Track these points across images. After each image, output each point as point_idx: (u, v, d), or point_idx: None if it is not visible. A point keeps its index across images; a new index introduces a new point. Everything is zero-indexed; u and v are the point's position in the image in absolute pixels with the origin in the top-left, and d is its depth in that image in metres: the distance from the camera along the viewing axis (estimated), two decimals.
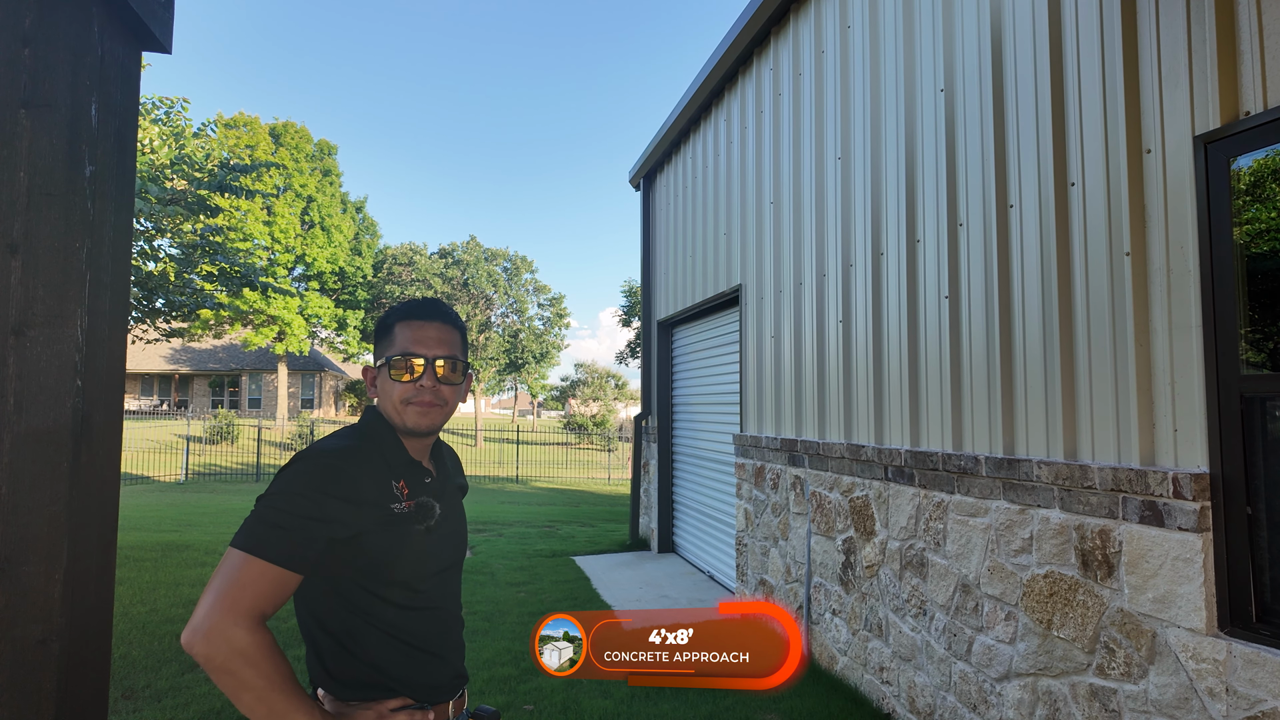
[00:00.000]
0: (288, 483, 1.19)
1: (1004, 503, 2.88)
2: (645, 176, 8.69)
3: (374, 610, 1.26)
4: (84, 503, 1.34)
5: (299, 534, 1.15)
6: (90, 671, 1.38)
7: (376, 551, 1.24)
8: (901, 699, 3.52)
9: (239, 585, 1.11)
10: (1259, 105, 2.07)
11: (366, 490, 1.24)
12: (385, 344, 1.37)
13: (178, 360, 37.01)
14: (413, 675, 1.29)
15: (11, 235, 1.27)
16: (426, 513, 1.31)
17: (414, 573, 1.29)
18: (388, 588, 1.26)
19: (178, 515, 10.96)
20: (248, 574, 1.12)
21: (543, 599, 5.82)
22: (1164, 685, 2.22)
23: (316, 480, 1.19)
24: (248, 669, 1.08)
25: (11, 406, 1.25)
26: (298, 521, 1.16)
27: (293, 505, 1.17)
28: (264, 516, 1.16)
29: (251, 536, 1.14)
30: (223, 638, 1.07)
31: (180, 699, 3.61)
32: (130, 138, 1.50)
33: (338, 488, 1.20)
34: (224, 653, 1.07)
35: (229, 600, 1.09)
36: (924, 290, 3.51)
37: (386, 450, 1.32)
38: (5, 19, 1.29)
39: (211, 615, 1.08)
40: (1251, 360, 2.10)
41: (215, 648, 1.07)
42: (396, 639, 1.28)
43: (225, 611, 1.08)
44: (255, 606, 1.11)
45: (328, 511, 1.18)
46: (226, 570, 1.13)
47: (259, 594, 1.11)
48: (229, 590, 1.10)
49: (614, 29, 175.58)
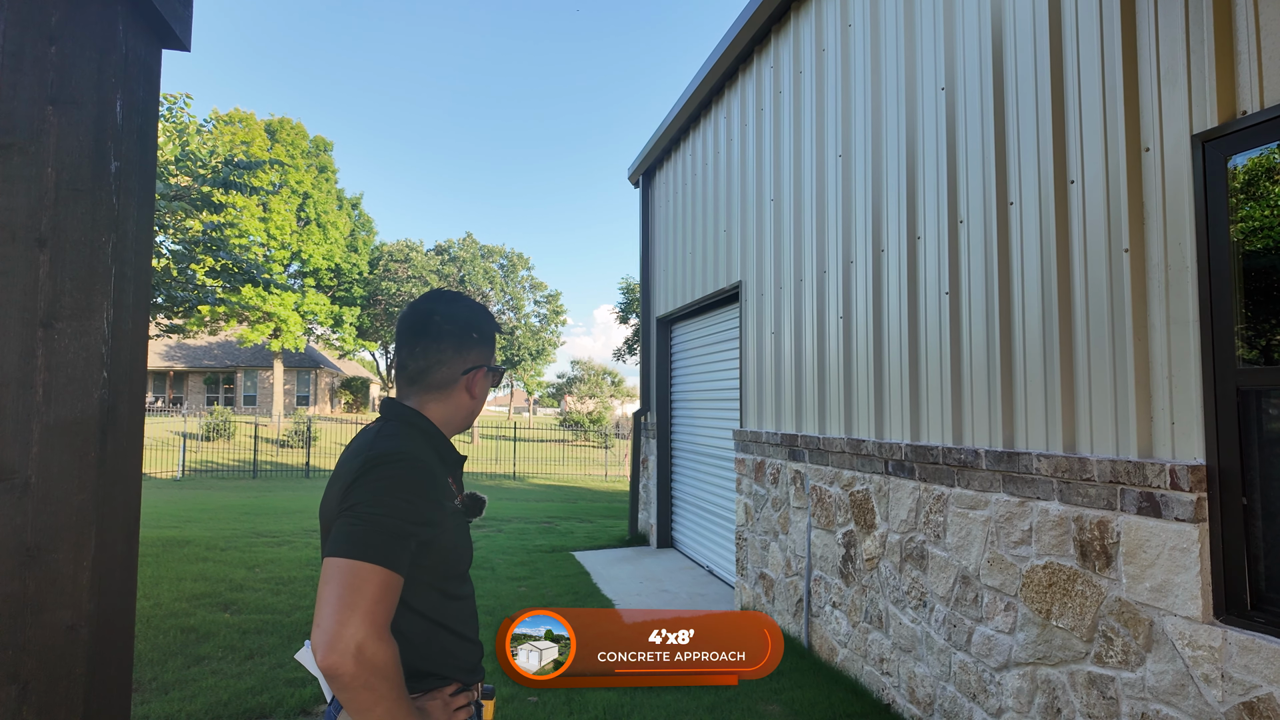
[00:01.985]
0: (384, 488, 1.17)
1: (1004, 495, 2.92)
2: (645, 173, 8.72)
3: (429, 603, 1.28)
4: (110, 492, 1.37)
5: (407, 540, 1.16)
6: (116, 657, 1.41)
7: (441, 548, 1.26)
8: (901, 689, 3.57)
9: (370, 598, 1.07)
10: (1256, 104, 2.11)
11: (441, 491, 1.27)
12: (487, 351, 1.44)
13: (172, 357, 36.90)
14: (461, 661, 1.34)
15: (40, 229, 1.29)
16: (477, 506, 1.38)
17: (464, 563, 1.36)
18: (445, 581, 1.30)
19: (176, 512, 10.96)
20: (374, 584, 1.08)
21: (544, 593, 5.86)
22: (1161, 672, 2.27)
23: (412, 486, 1.19)
24: (385, 683, 1.06)
25: (40, 397, 1.28)
26: (405, 527, 1.15)
27: (396, 511, 1.15)
28: (375, 525, 1.13)
29: (373, 547, 1.10)
30: (369, 653, 1.05)
31: (187, 691, 3.63)
32: (151, 135, 1.52)
33: (428, 490, 1.22)
34: (368, 669, 1.05)
35: (364, 614, 1.06)
36: (924, 286, 3.55)
37: (441, 449, 1.36)
38: (33, 16, 1.31)
39: (357, 631, 1.04)
40: (1247, 355, 2.15)
41: (361, 665, 1.04)
42: (446, 628, 1.31)
43: (369, 625, 1.06)
44: (386, 617, 1.09)
45: (424, 515, 1.20)
46: (350, 582, 1.08)
47: (388, 604, 1.10)
48: (363, 604, 1.06)
49: (612, 25, 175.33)
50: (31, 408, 1.26)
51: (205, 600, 5.26)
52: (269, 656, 4.16)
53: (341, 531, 1.12)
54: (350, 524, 1.13)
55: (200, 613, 4.93)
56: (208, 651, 4.21)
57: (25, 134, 1.29)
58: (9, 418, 1.23)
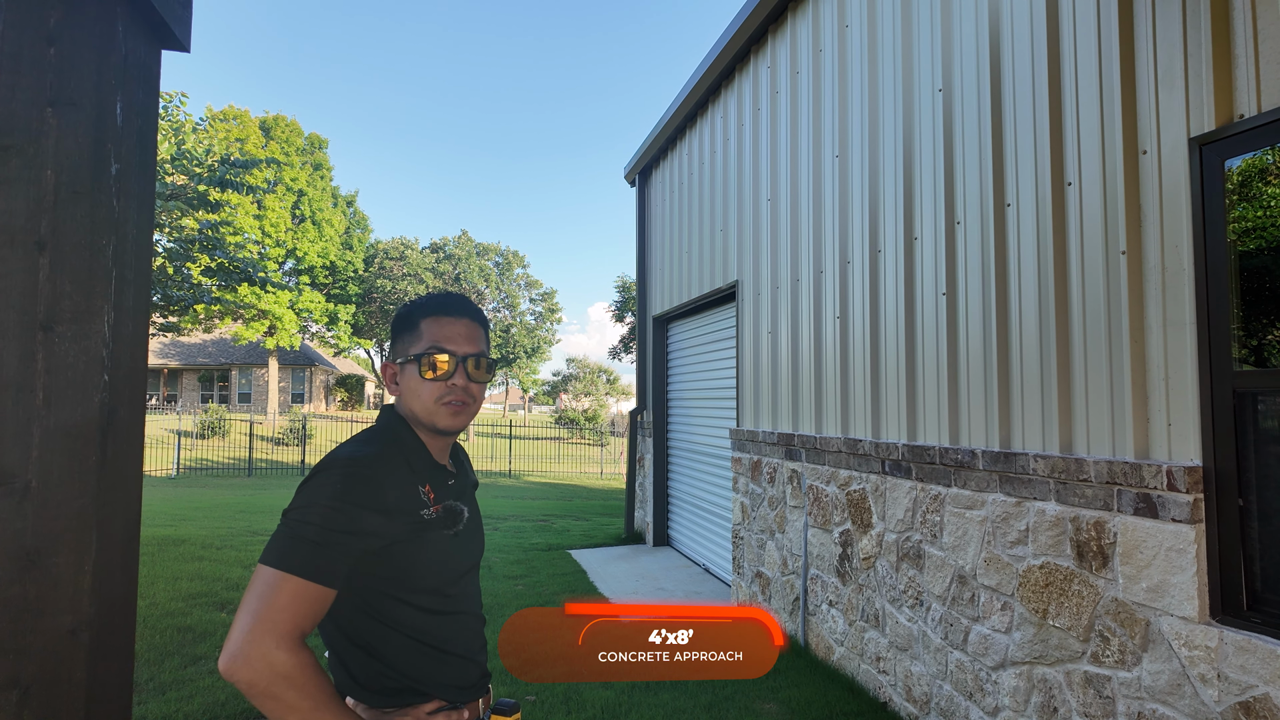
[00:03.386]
0: (315, 494, 1.14)
1: (1000, 495, 2.94)
2: (641, 172, 8.71)
3: (403, 617, 1.23)
4: (110, 496, 1.36)
5: (334, 549, 1.11)
6: (117, 661, 1.40)
7: (405, 559, 1.21)
8: (898, 688, 3.58)
9: (276, 606, 1.05)
10: (1253, 108, 2.12)
11: (396, 498, 1.20)
12: (410, 340, 1.32)
13: (166, 354, 36.75)
14: (445, 678, 1.28)
15: (39, 232, 1.28)
16: (454, 517, 1.30)
17: (442, 578, 1.27)
18: (416, 595, 1.24)
19: (171, 510, 10.94)
20: (284, 593, 1.06)
21: (540, 591, 5.86)
22: (1157, 672, 2.29)
23: (346, 491, 1.15)
24: (291, 692, 1.04)
25: (41, 401, 1.27)
26: (331, 535, 1.11)
27: (324, 519, 1.12)
28: (296, 531, 1.11)
29: (284, 553, 1.09)
30: (264, 662, 1.02)
31: (184, 692, 3.62)
32: (151, 136, 1.51)
33: (369, 498, 1.16)
34: (267, 677, 1.02)
35: (267, 622, 1.04)
36: (921, 287, 3.56)
37: (410, 454, 1.29)
38: (31, 17, 1.30)
39: (251, 639, 1.03)
40: (1243, 356, 2.16)
41: (258, 673, 1.02)
42: (426, 644, 1.26)
43: (264, 634, 1.03)
44: (295, 626, 1.06)
45: (360, 524, 1.14)
46: (261, 590, 1.07)
47: (298, 613, 1.07)
48: (266, 612, 1.05)
49: (609, 23, 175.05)
50: (31, 411, 1.26)
51: (201, 599, 5.25)
52: None
53: (272, 537, 1.12)
54: (278, 530, 1.13)
55: (196, 612, 4.91)
56: (205, 651, 4.20)
57: (24, 136, 1.28)
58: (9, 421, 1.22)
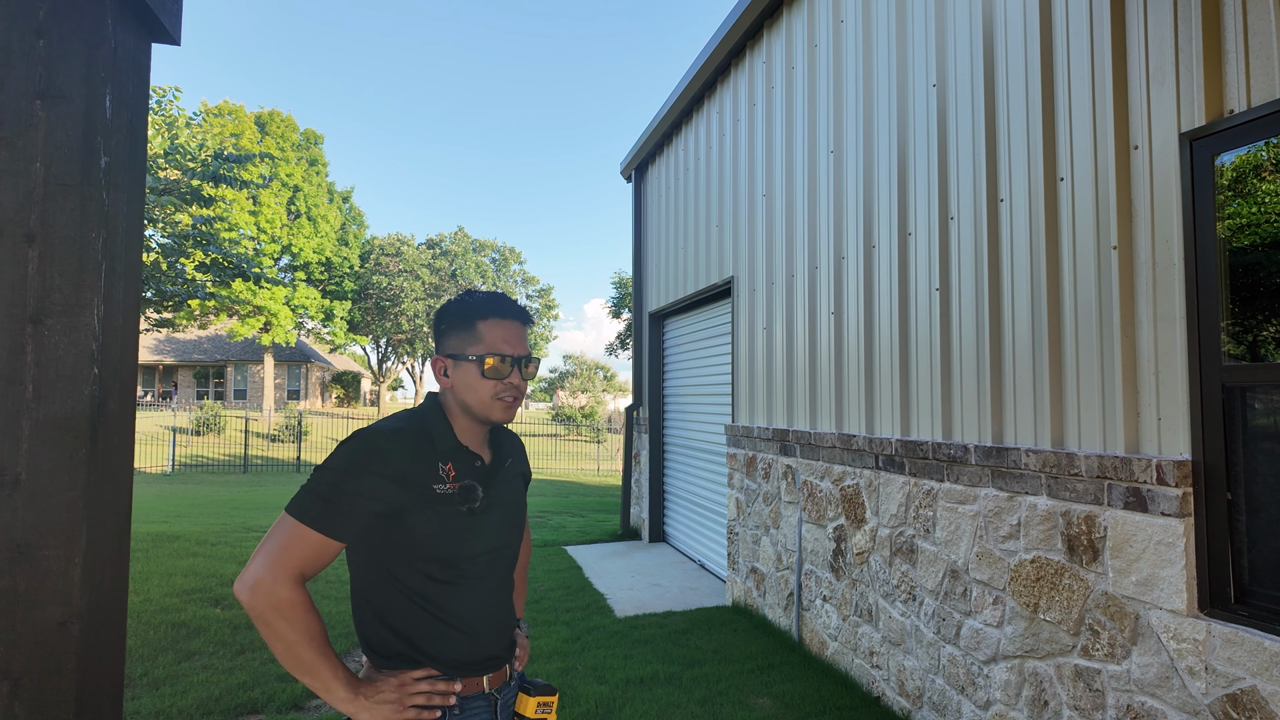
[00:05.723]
0: (336, 458, 1.30)
1: (992, 490, 2.95)
2: (637, 169, 8.71)
3: (408, 580, 1.34)
4: (100, 488, 1.37)
5: (340, 505, 1.27)
6: (108, 653, 1.41)
7: (417, 528, 1.33)
8: (891, 682, 3.60)
9: (283, 547, 1.24)
10: (1243, 104, 2.13)
11: (408, 469, 1.33)
12: (466, 339, 1.43)
13: (162, 351, 36.64)
14: (442, 651, 1.35)
15: (29, 225, 1.29)
16: (469, 495, 1.39)
17: (456, 551, 1.37)
18: (426, 563, 1.35)
19: (166, 506, 10.91)
20: (293, 537, 1.25)
21: (536, 588, 5.87)
22: (1146, 665, 2.30)
23: (360, 458, 1.30)
24: (282, 622, 1.22)
25: (30, 394, 1.27)
26: (341, 495, 1.27)
27: (336, 479, 1.28)
28: (313, 488, 1.28)
29: (298, 504, 1.27)
30: (264, 591, 1.21)
31: (178, 687, 3.62)
32: (141, 130, 1.51)
33: (380, 465, 1.30)
34: (263, 604, 1.21)
35: (274, 559, 1.23)
36: (915, 282, 3.57)
37: (435, 434, 1.41)
38: (20, 9, 1.30)
39: (259, 570, 1.22)
40: (1233, 351, 2.17)
41: (257, 599, 1.21)
42: (429, 613, 1.35)
43: (270, 568, 1.22)
44: (296, 567, 1.24)
45: (367, 487, 1.29)
46: (276, 532, 1.25)
47: (301, 556, 1.24)
48: (276, 552, 1.23)
49: (607, 19, 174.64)
50: (21, 404, 1.26)
51: (196, 595, 5.24)
52: (260, 652, 4.16)
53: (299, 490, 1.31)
54: (303, 485, 1.31)
55: (191, 608, 4.91)
56: (199, 647, 4.20)
57: (13, 128, 1.28)
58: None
